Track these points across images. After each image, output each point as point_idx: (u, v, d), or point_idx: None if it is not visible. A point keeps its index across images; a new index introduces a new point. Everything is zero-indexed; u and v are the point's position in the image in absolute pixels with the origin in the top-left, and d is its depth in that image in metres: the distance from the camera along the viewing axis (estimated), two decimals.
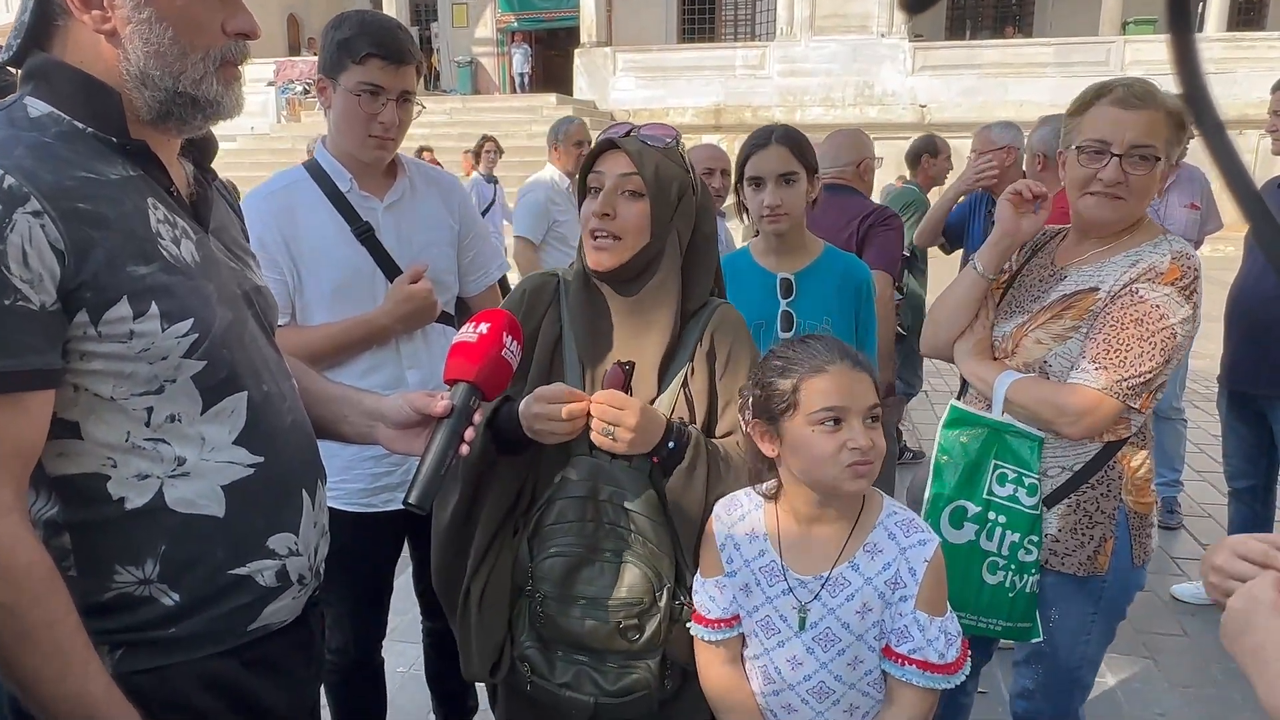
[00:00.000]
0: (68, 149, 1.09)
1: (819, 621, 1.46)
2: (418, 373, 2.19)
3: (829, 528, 1.47)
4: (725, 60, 17.11)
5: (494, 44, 21.46)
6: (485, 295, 2.42)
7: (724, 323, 1.65)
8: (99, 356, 1.08)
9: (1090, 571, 1.86)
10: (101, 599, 1.14)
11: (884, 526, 1.46)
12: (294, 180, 2.15)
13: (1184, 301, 1.73)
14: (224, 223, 1.34)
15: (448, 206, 2.29)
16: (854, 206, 3.29)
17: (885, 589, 1.43)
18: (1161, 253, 1.76)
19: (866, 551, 1.45)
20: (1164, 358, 1.72)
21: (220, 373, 1.18)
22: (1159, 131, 1.72)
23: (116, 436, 1.12)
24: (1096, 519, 1.85)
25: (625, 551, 1.54)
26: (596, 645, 1.54)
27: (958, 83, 15.38)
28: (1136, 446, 1.86)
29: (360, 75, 2.01)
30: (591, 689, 1.55)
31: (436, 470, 1.29)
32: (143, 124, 1.17)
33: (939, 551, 1.45)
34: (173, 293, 1.12)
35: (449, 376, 1.37)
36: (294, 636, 1.33)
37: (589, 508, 1.56)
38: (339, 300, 2.09)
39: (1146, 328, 1.72)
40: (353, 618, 2.28)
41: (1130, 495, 1.85)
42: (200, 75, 1.15)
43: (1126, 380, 1.72)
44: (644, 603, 1.53)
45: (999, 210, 1.94)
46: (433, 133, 15.47)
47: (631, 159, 1.55)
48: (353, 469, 2.14)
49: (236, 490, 1.21)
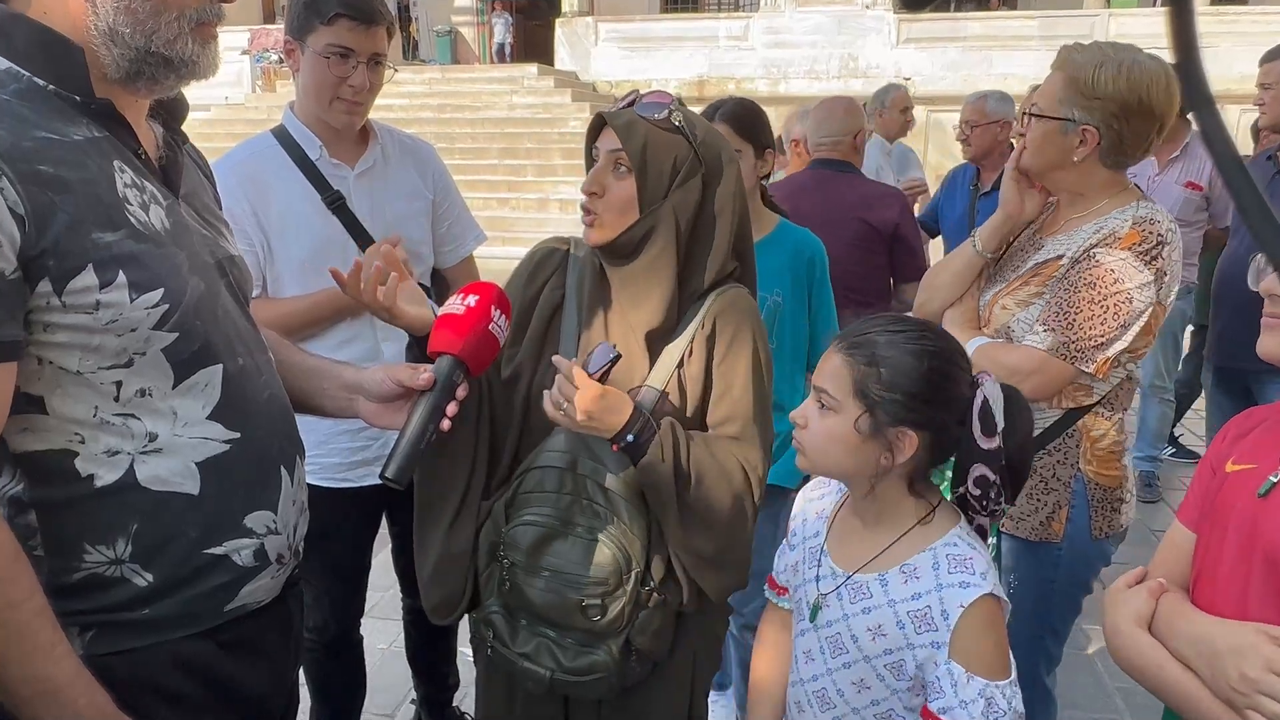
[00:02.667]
0: (27, 107, 1.04)
1: (832, 622, 1.37)
2: (394, 345, 2.15)
3: (877, 528, 1.36)
4: (709, 31, 16.97)
5: (474, 13, 21.16)
6: (461, 267, 2.38)
7: (730, 308, 1.55)
8: (64, 328, 1.03)
9: (1044, 537, 1.88)
10: (71, 579, 1.10)
11: (933, 553, 1.30)
12: (262, 148, 2.09)
13: (1142, 266, 1.72)
14: (195, 188, 1.29)
15: (422, 175, 2.24)
16: (851, 192, 3.11)
17: (909, 623, 1.28)
18: (1124, 218, 1.78)
19: (902, 571, 1.31)
20: (1119, 322, 1.72)
21: (192, 345, 1.14)
22: (1051, 95, 1.80)
23: (84, 412, 1.07)
24: (1051, 485, 1.87)
25: (599, 530, 1.50)
26: (558, 619, 1.52)
27: (942, 56, 15.34)
28: (1101, 417, 1.86)
29: (329, 37, 1.96)
30: (550, 663, 1.53)
31: (415, 445, 1.26)
32: (110, 83, 1.11)
33: (985, 604, 1.25)
34: (141, 261, 1.07)
35: (433, 349, 1.33)
36: (272, 617, 1.30)
37: (567, 480, 1.52)
38: (310, 271, 2.03)
39: (1099, 291, 1.73)
40: (331, 595, 2.25)
41: (1091, 465, 1.86)
42: (174, 35, 1.10)
43: (1074, 343, 1.74)
44: (609, 584, 1.49)
45: (1003, 190, 1.94)
46: (411, 103, 15.29)
47: (618, 133, 1.49)
48: (329, 444, 2.10)
49: (211, 467, 1.17)
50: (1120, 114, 1.74)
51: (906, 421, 1.27)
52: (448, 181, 2.34)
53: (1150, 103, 1.73)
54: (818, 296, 2.43)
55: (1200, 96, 0.44)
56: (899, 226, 3.04)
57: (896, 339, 1.29)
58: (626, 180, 1.50)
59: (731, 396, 1.53)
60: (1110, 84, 1.73)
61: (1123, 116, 1.74)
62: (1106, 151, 1.79)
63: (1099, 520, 1.88)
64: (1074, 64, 1.78)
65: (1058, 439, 1.85)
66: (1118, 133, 1.76)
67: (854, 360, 1.29)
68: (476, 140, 14.38)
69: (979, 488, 1.30)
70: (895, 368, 1.27)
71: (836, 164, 3.15)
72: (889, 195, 3.16)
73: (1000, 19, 16.43)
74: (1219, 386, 3.48)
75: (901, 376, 1.26)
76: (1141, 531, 4.03)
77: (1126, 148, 1.78)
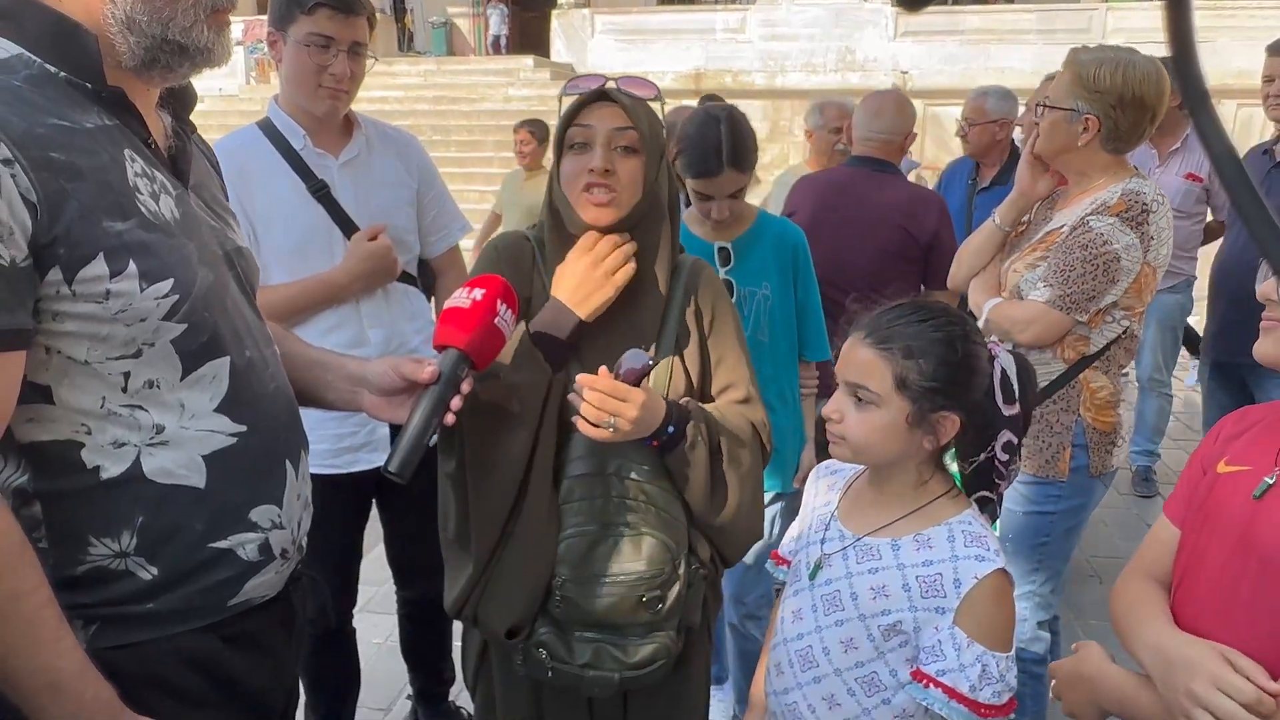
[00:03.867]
0: (39, 94, 1.02)
1: (832, 580, 1.40)
2: (380, 331, 2.17)
3: (892, 500, 1.41)
4: (706, 24, 16.89)
5: (470, 4, 21.03)
6: (447, 256, 2.41)
7: (699, 278, 1.63)
8: (73, 317, 1.02)
9: (1050, 475, 2.18)
10: (75, 572, 1.09)
11: (949, 527, 1.35)
12: (246, 139, 2.11)
13: (1128, 230, 2.03)
14: (204, 179, 1.28)
15: (406, 165, 2.26)
16: (894, 195, 2.94)
17: (916, 586, 1.32)
18: (1114, 191, 2.08)
19: (916, 540, 1.35)
20: (1108, 278, 2.03)
21: (201, 336, 1.13)
22: (1060, 89, 2.11)
23: (91, 402, 1.06)
24: (1056, 429, 2.17)
25: (641, 524, 1.50)
26: (619, 620, 1.50)
27: (940, 49, 15.29)
28: (1100, 370, 2.17)
29: (310, 26, 1.99)
30: (613, 665, 1.51)
31: (419, 438, 1.26)
32: (123, 70, 1.10)
33: (999, 578, 1.30)
34: (152, 251, 1.06)
35: (438, 342, 1.32)
36: (276, 611, 1.29)
37: (597, 484, 1.51)
38: (297, 259, 2.07)
39: (1090, 251, 2.03)
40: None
41: (1090, 412, 2.17)
42: (190, 23, 1.09)
43: (1069, 295, 2.05)
44: (664, 572, 1.49)
45: (1019, 172, 2.27)
46: (407, 95, 15.22)
47: (628, 113, 1.49)
48: (316, 430, 2.09)
49: (218, 460, 1.16)
50: (1117, 105, 2.04)
51: (948, 406, 1.32)
52: (431, 171, 2.35)
53: (1142, 96, 2.03)
54: (803, 287, 2.42)
55: (1196, 93, 0.43)
56: (939, 234, 2.91)
57: (925, 329, 1.33)
58: (632, 160, 1.50)
59: (728, 363, 1.62)
60: (1109, 79, 2.04)
61: (1119, 107, 2.04)
62: (1106, 138, 2.08)
63: (1095, 460, 2.18)
64: (1080, 62, 2.09)
65: (1062, 389, 2.14)
66: (1115, 121, 2.06)
67: (890, 355, 1.32)
68: (472, 133, 14.30)
69: (1006, 453, 1.37)
70: (932, 357, 1.31)
71: (879, 163, 3.02)
72: (930, 200, 3.01)
73: (998, 12, 16.39)
74: (1216, 381, 3.48)
75: (940, 365, 1.30)
76: (1139, 527, 4.05)
77: (1123, 134, 2.08)
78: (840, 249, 2.90)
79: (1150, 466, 4.51)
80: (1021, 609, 2.31)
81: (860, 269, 2.87)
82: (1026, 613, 2.33)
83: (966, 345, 1.33)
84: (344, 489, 2.15)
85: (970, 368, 1.33)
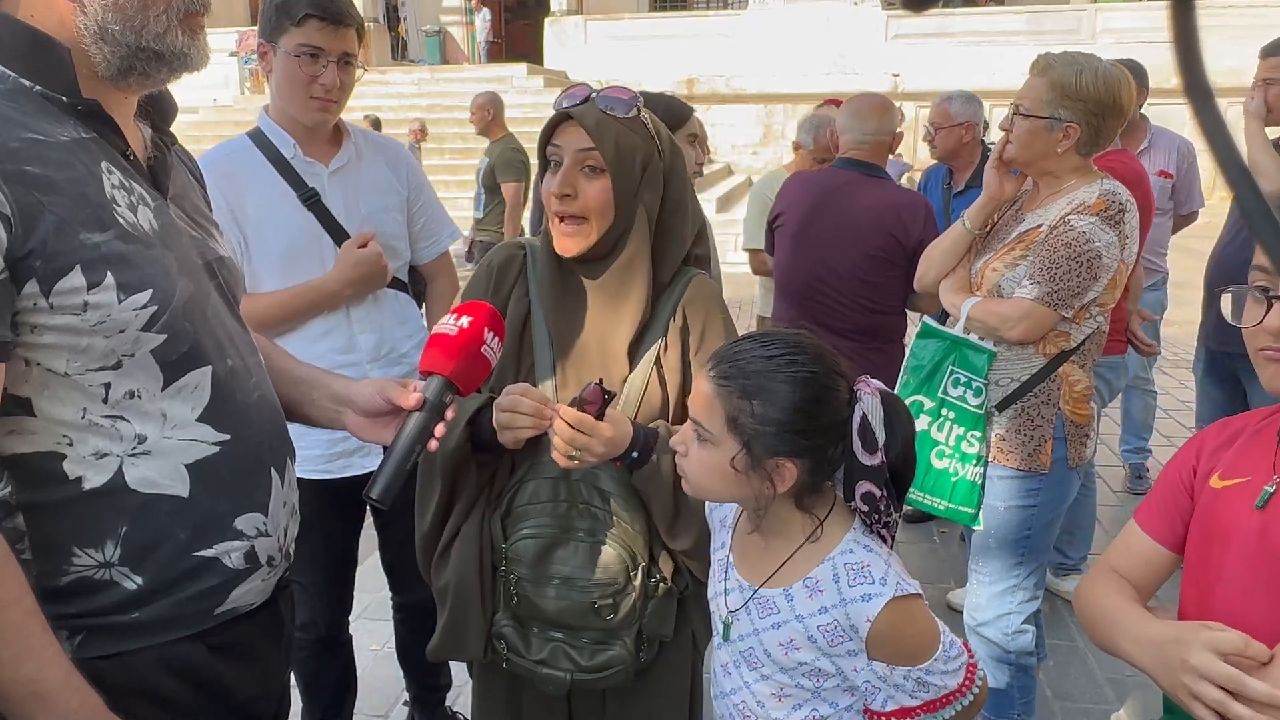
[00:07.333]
0: (13, 108, 1.03)
1: (745, 636, 1.33)
2: (370, 337, 2.19)
3: (775, 540, 1.32)
4: (698, 29, 16.95)
5: (462, 12, 21.07)
6: (437, 263, 2.42)
7: (697, 296, 1.59)
8: (51, 329, 1.03)
9: (1032, 468, 2.24)
10: (59, 583, 1.09)
11: (832, 563, 1.26)
12: (236, 148, 2.13)
13: (1108, 229, 2.08)
14: (184, 189, 1.28)
15: (395, 172, 2.28)
16: (882, 200, 2.92)
17: (821, 638, 1.25)
18: (1091, 191, 2.14)
19: (806, 586, 1.27)
20: (1091, 275, 2.09)
21: (181, 346, 1.13)
22: (1035, 97, 2.14)
23: (72, 414, 1.07)
24: (1037, 422, 2.23)
25: (599, 531, 1.51)
26: (572, 623, 1.53)
27: (931, 52, 15.34)
28: (1076, 365, 2.22)
29: (299, 37, 2.00)
30: (567, 665, 1.54)
31: (401, 465, 1.26)
32: (100, 81, 1.10)
33: (892, 609, 1.21)
34: (130, 262, 1.07)
35: (424, 368, 1.32)
36: (263, 620, 1.29)
37: (561, 488, 1.53)
38: (288, 266, 2.08)
39: (1073, 249, 2.08)
40: (317, 591, 2.25)
41: (1068, 405, 2.23)
42: (163, 29, 1.10)
43: (1056, 292, 2.09)
44: (618, 583, 1.51)
45: (986, 176, 2.30)
46: (400, 104, 15.24)
47: (589, 133, 1.45)
48: (308, 435, 2.09)
49: (201, 469, 1.16)
50: (1098, 111, 2.10)
51: (783, 453, 1.21)
52: (420, 179, 2.37)
53: (1121, 101, 2.11)
54: None
55: (1200, 90, 0.43)
56: (925, 240, 2.84)
57: (768, 366, 1.22)
58: (599, 181, 1.47)
59: None
60: (1090, 87, 2.09)
61: (1099, 114, 2.11)
62: (1084, 143, 2.15)
63: (1073, 452, 2.25)
64: (1056, 71, 2.12)
65: (1043, 383, 2.21)
66: (1095, 127, 2.12)
67: (726, 392, 1.22)
68: (466, 140, 14.31)
69: (866, 504, 1.25)
70: (768, 400, 1.20)
71: (868, 166, 3.01)
72: (917, 205, 2.98)
73: (988, 15, 16.46)
74: (1209, 374, 3.48)
75: (775, 409, 1.20)
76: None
77: (1100, 140, 2.16)
78: (827, 253, 2.91)
79: (1143, 464, 4.52)
80: (1007, 604, 2.36)
81: (847, 273, 2.89)
82: (1012, 607, 2.35)
83: (813, 390, 1.21)
84: (338, 494, 2.15)
85: (813, 415, 1.20)
